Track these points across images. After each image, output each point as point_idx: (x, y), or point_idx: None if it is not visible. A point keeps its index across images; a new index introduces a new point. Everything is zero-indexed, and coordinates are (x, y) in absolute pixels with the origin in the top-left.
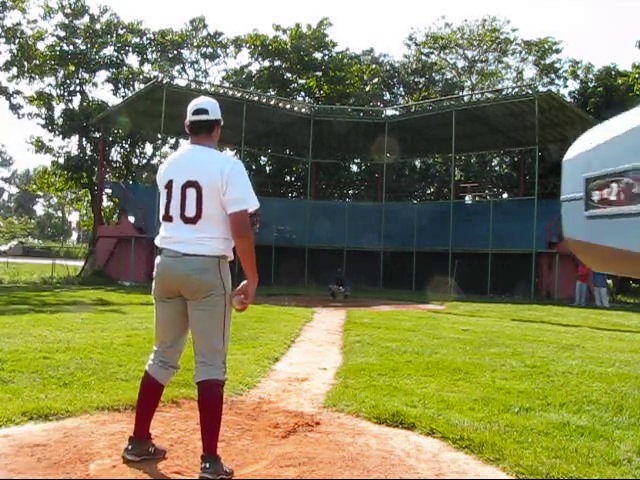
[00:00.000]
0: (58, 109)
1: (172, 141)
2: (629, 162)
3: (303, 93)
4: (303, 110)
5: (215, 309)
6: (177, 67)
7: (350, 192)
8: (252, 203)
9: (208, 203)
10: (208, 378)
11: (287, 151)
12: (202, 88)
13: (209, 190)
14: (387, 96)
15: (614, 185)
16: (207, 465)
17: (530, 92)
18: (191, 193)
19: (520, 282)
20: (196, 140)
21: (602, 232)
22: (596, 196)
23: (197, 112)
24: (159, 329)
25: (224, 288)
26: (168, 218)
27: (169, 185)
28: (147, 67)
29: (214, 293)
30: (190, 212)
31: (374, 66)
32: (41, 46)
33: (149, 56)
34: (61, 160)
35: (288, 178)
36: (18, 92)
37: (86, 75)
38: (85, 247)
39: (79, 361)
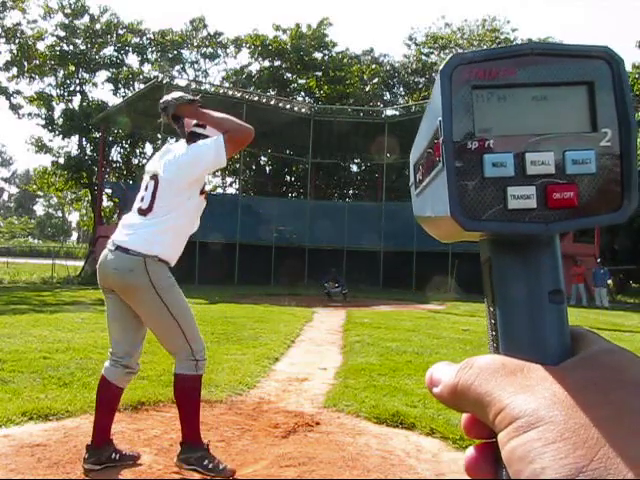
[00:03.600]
0: (58, 109)
1: (172, 141)
2: (419, 150)
3: (303, 93)
4: (303, 110)
5: (152, 309)
6: (177, 67)
7: (350, 192)
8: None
9: (160, 194)
10: (176, 372)
11: (287, 151)
12: (202, 88)
13: (166, 182)
14: (387, 96)
15: (419, 168)
16: (180, 453)
17: None
18: (150, 185)
19: None
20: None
21: (420, 205)
22: (417, 178)
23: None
24: (108, 324)
25: (154, 287)
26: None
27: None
28: (147, 67)
29: (143, 295)
30: (144, 204)
31: (374, 66)
32: (41, 46)
33: (149, 56)
34: (61, 160)
35: (288, 178)
36: (18, 92)
37: (86, 75)
38: (85, 247)
39: (79, 361)
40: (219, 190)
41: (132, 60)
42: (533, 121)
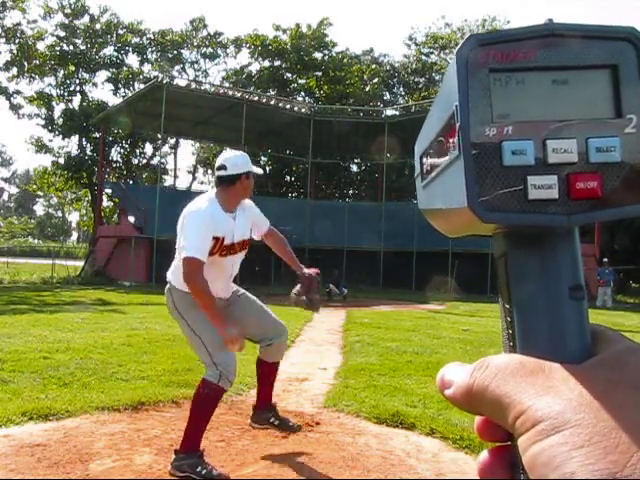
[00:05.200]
0: (58, 109)
1: (172, 141)
2: (427, 140)
3: (303, 93)
4: (303, 110)
5: (181, 327)
6: (177, 67)
7: (350, 192)
8: (188, 252)
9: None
10: (202, 377)
11: (287, 151)
12: (202, 88)
13: (179, 232)
14: (387, 96)
15: (427, 158)
16: (174, 460)
17: None
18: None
19: None
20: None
21: (428, 197)
22: (424, 169)
23: (218, 168)
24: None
25: (179, 312)
26: None
27: None
28: (147, 67)
29: (172, 315)
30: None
31: (374, 66)
32: (41, 46)
33: (149, 56)
34: (61, 160)
35: (288, 178)
36: (18, 92)
37: (86, 75)
38: (85, 247)
39: (79, 361)
40: None
41: (132, 60)
42: (554, 106)
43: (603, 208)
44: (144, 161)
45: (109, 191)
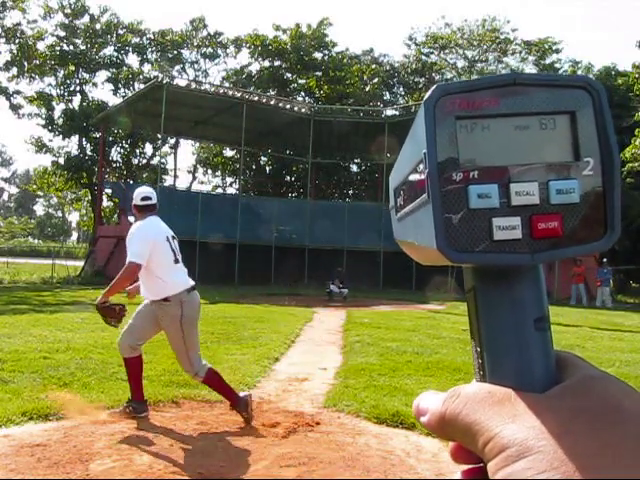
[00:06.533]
0: (58, 109)
1: (172, 141)
2: (400, 177)
3: (303, 93)
4: (303, 110)
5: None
6: (177, 67)
7: (350, 192)
8: None
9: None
10: None
11: (287, 151)
12: (202, 88)
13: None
14: (387, 96)
15: (400, 193)
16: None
17: None
18: (176, 244)
19: None
20: (152, 213)
21: (402, 230)
22: (398, 203)
23: (145, 199)
24: (194, 341)
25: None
26: (177, 261)
27: (169, 239)
28: (147, 67)
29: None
30: (179, 255)
31: (374, 66)
32: (41, 46)
33: (149, 56)
34: (61, 160)
35: (288, 178)
36: (18, 92)
37: (86, 75)
38: (85, 247)
39: (79, 361)
40: (219, 190)
41: (132, 60)
42: (516, 151)
43: (565, 246)
44: (144, 161)
45: (109, 191)
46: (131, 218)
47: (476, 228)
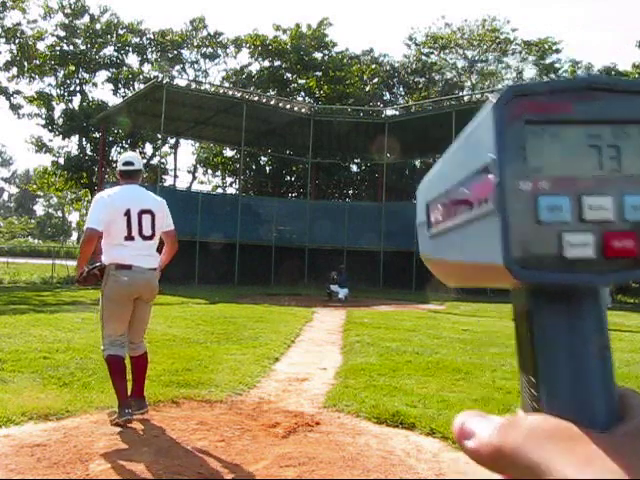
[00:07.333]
0: (58, 109)
1: (172, 141)
2: (442, 188)
3: (303, 93)
4: (303, 110)
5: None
6: (177, 67)
7: (350, 192)
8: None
9: (158, 225)
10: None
11: (287, 151)
12: (202, 88)
13: (159, 217)
14: (387, 96)
15: (438, 207)
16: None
17: None
18: (147, 218)
19: None
20: (130, 181)
21: (438, 247)
22: (432, 218)
23: (127, 164)
24: (122, 320)
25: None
26: (131, 237)
27: (127, 212)
28: (147, 67)
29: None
30: (147, 232)
31: (374, 66)
32: (41, 46)
33: (149, 56)
34: (61, 160)
35: (288, 178)
36: (18, 92)
37: (86, 75)
38: None
39: (79, 361)
40: (219, 190)
41: (132, 60)
42: (589, 161)
43: (638, 267)
44: (144, 161)
45: None
46: None
47: (545, 244)
